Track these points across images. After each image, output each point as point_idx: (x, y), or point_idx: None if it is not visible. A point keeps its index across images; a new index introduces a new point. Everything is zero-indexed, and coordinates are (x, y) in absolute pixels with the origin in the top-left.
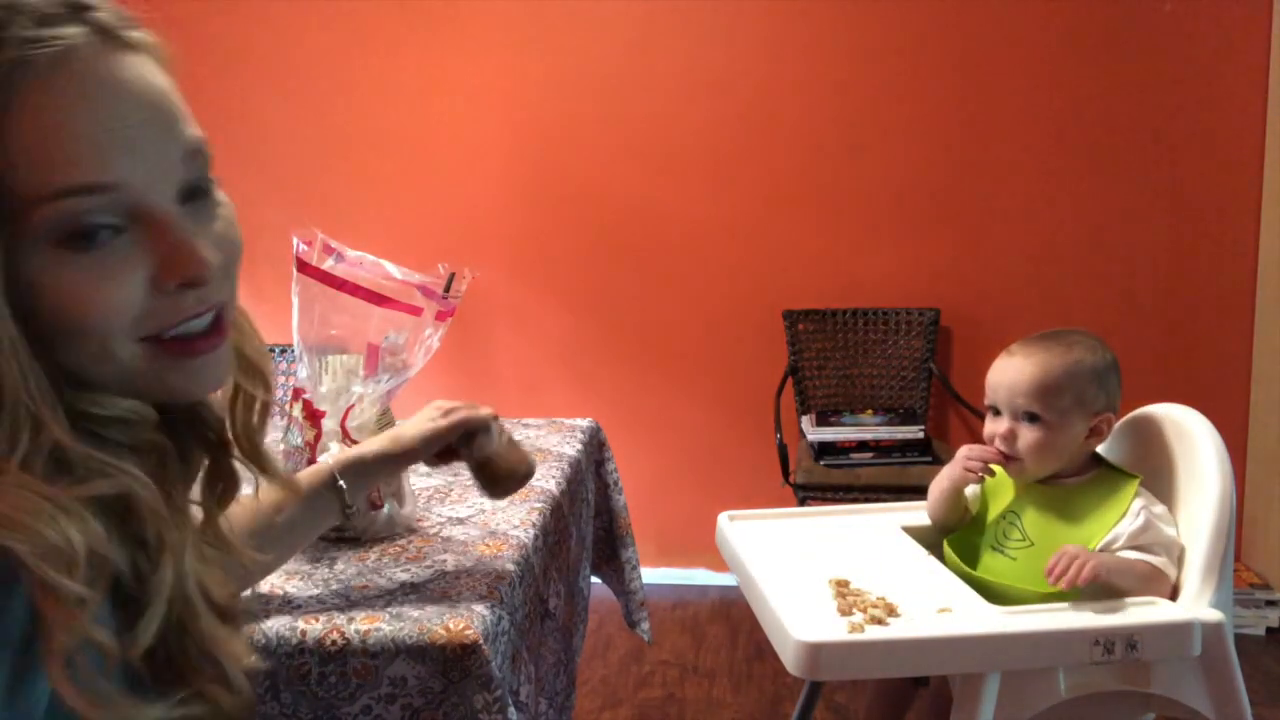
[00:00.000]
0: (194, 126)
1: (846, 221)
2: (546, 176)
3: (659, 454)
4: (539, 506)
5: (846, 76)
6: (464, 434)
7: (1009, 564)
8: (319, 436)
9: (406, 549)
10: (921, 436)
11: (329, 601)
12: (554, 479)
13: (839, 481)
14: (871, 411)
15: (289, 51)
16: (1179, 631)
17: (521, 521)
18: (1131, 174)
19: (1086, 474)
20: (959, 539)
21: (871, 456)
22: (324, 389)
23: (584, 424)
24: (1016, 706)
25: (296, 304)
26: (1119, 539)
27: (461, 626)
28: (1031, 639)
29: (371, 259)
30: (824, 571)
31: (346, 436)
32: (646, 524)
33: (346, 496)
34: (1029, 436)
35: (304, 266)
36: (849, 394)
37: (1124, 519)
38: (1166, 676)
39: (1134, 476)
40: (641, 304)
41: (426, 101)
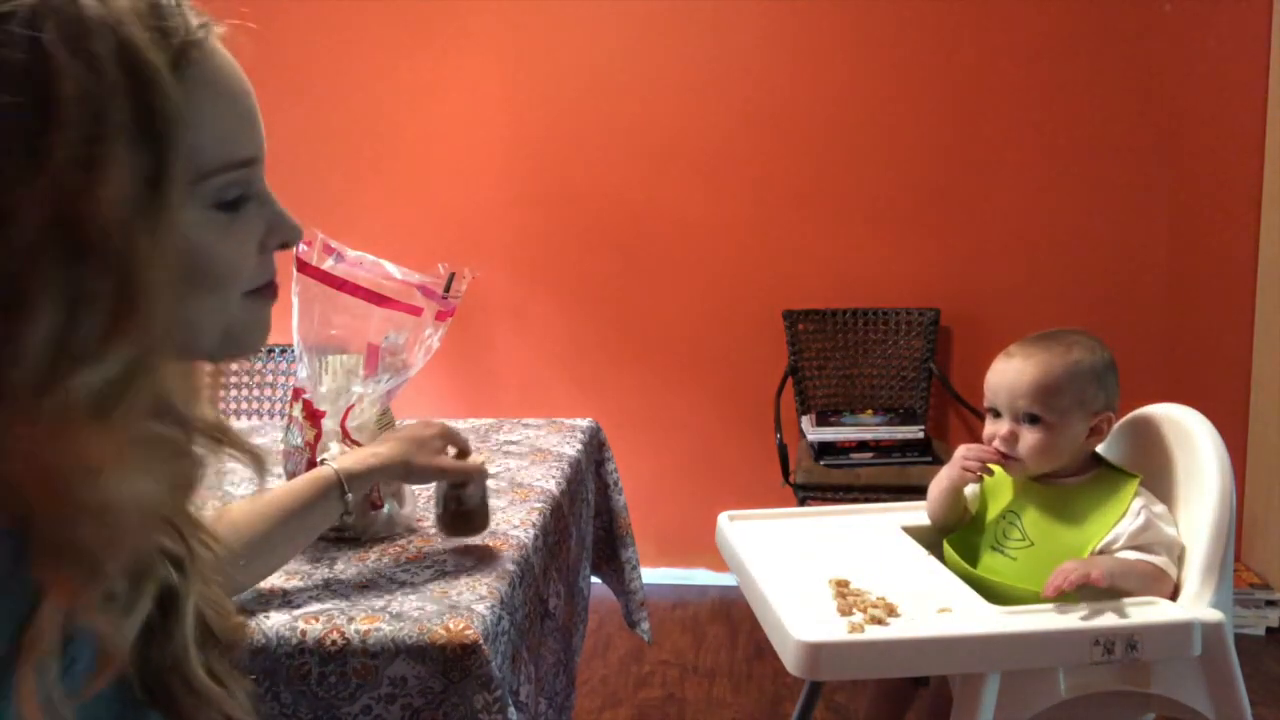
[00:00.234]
0: None
1: (846, 221)
2: (546, 177)
3: (659, 454)
4: (539, 506)
5: (847, 76)
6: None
7: (1009, 564)
8: (319, 436)
9: (406, 549)
10: (921, 436)
11: (329, 601)
12: (554, 479)
13: (839, 481)
14: (871, 411)
15: (289, 51)
16: (1179, 631)
17: (521, 521)
18: (1131, 174)
19: (1086, 473)
20: (959, 539)
21: (871, 456)
22: (324, 389)
23: (584, 424)
24: (1016, 706)
25: (296, 304)
26: (1119, 539)
27: (461, 626)
28: (1031, 639)
29: (371, 259)
30: (824, 571)
31: (346, 436)
32: (646, 524)
33: (350, 505)
34: (1030, 438)
35: (304, 266)
36: (849, 394)
37: (1124, 519)
38: (1166, 676)
39: (1134, 476)
40: (641, 304)
41: (426, 101)
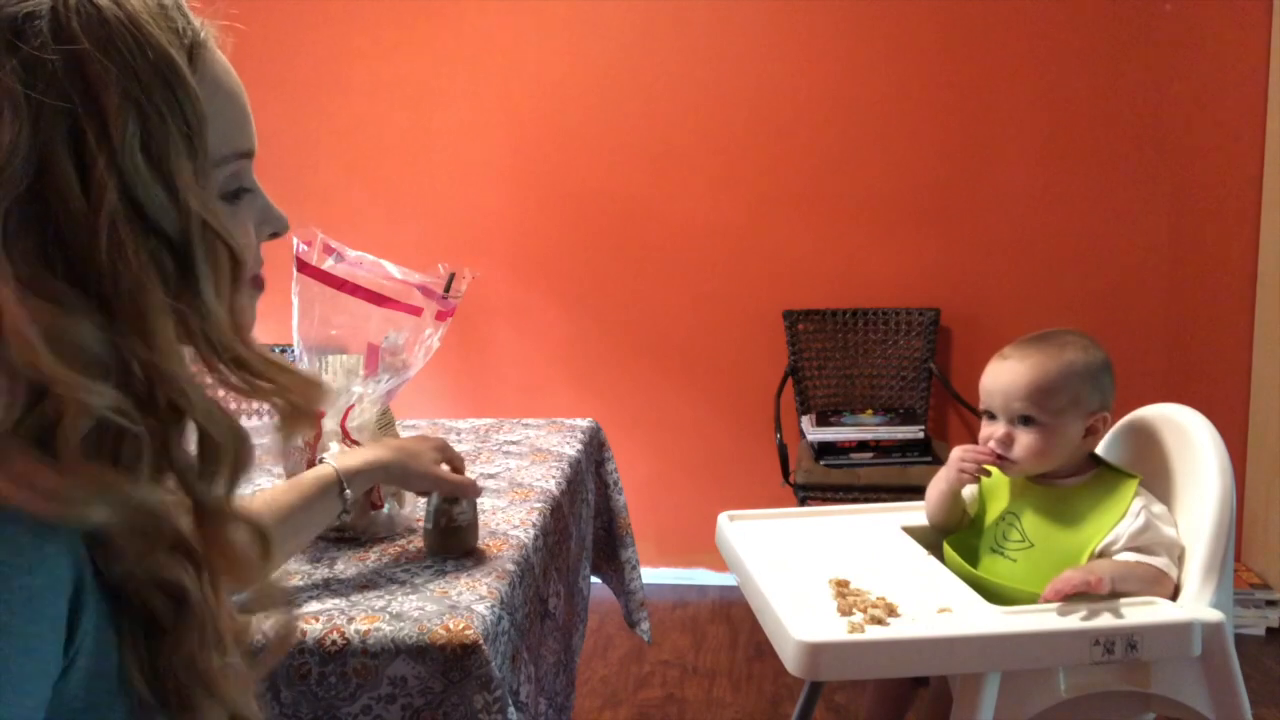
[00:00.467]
0: None
1: (846, 221)
2: (547, 176)
3: (659, 454)
4: (539, 506)
5: (847, 76)
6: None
7: (1009, 565)
8: (319, 436)
9: (406, 549)
10: (921, 436)
11: (329, 601)
12: (554, 479)
13: (839, 481)
14: (871, 411)
15: (289, 51)
16: (1179, 631)
17: (521, 521)
18: (1131, 174)
19: (1085, 474)
20: (958, 540)
21: (871, 456)
22: None
23: (584, 424)
24: (1016, 706)
25: (296, 304)
26: (1119, 540)
27: (461, 626)
28: (1031, 639)
29: (371, 259)
30: (824, 571)
31: (346, 436)
32: (646, 524)
33: (349, 503)
34: (1026, 440)
35: (304, 266)
36: (849, 394)
37: (1124, 519)
38: (1166, 676)
39: (1133, 476)
40: (642, 304)
41: (427, 101)
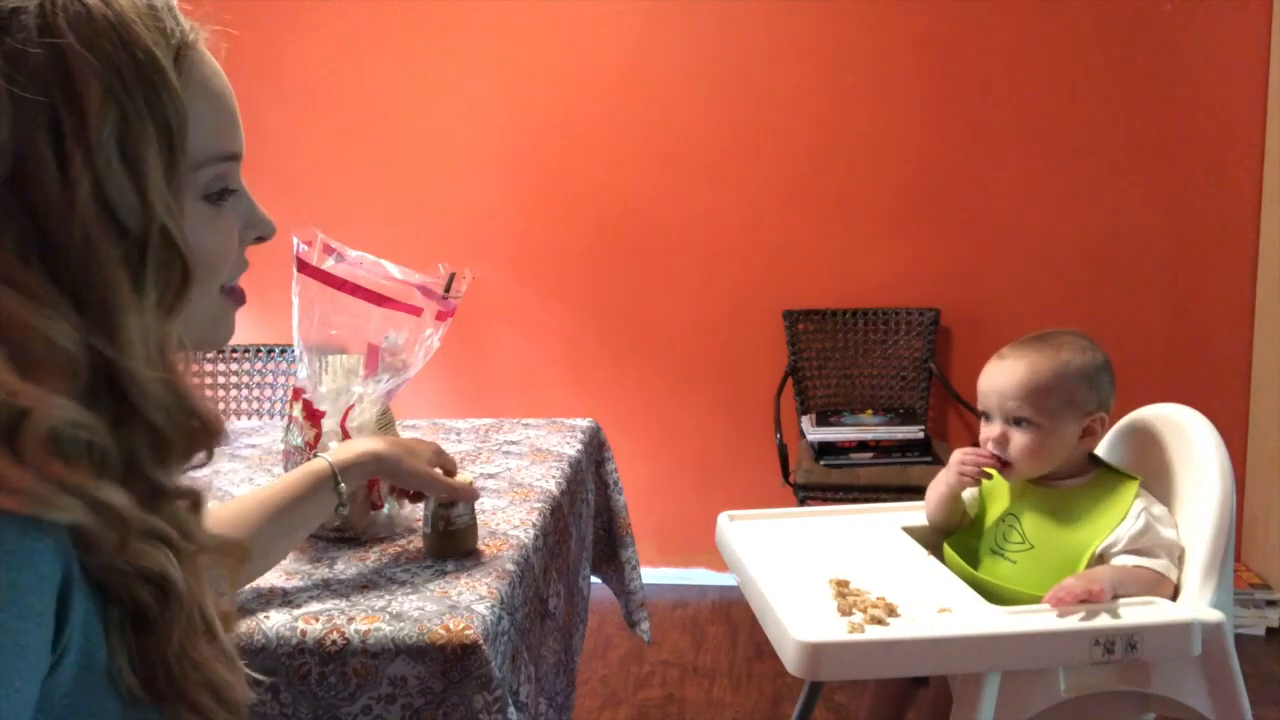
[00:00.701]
0: None
1: (846, 221)
2: (547, 176)
3: (659, 454)
4: (539, 506)
5: (847, 76)
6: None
7: (1010, 567)
8: (319, 436)
9: (406, 549)
10: (921, 436)
11: (329, 601)
12: (554, 479)
13: (839, 481)
14: (871, 411)
15: (289, 51)
16: (1179, 631)
17: (521, 521)
18: (1131, 174)
19: (1085, 475)
20: (958, 541)
21: (871, 456)
22: (324, 389)
23: (584, 424)
24: (1016, 706)
25: (296, 304)
26: (1119, 542)
27: (461, 626)
28: (1031, 639)
29: (371, 259)
30: (824, 571)
31: (346, 436)
32: (646, 524)
33: (344, 496)
34: (1020, 440)
35: (304, 266)
36: (849, 394)
37: (1124, 521)
38: (1166, 676)
39: (1134, 478)
40: (642, 304)
41: (427, 101)
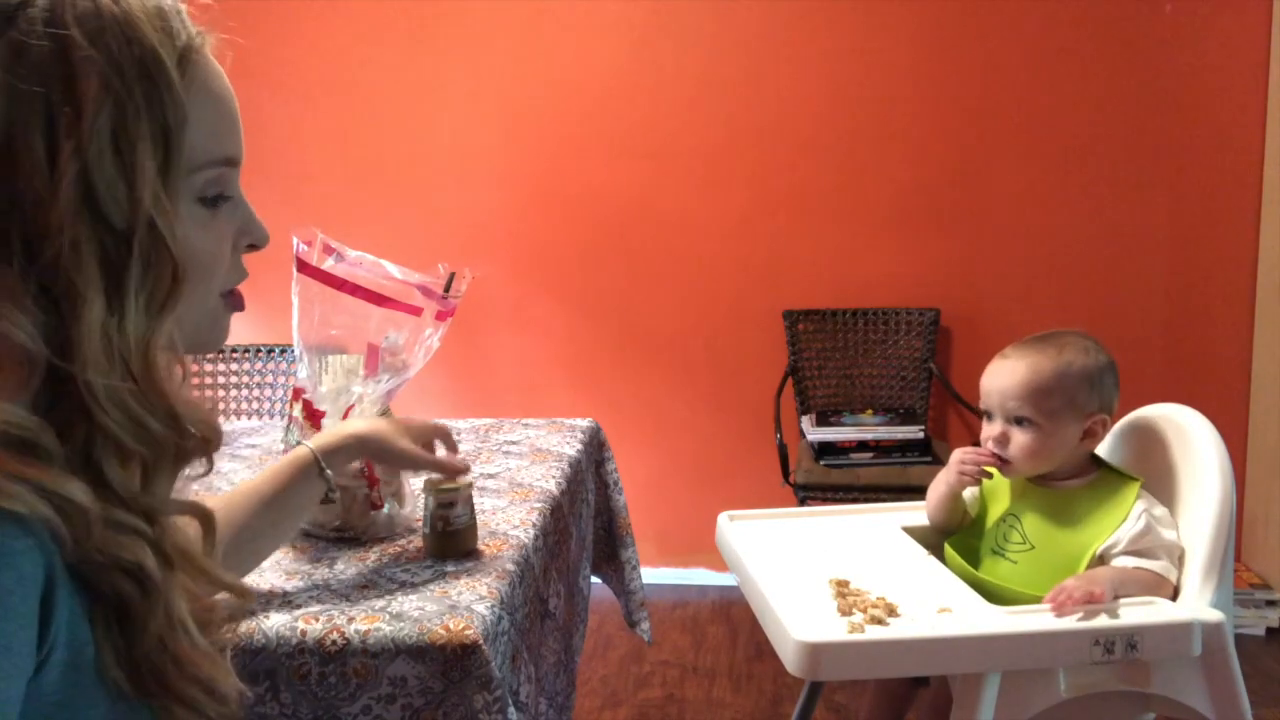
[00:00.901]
0: None
1: (846, 221)
2: (546, 176)
3: (659, 454)
4: (539, 506)
5: (847, 77)
6: (441, 496)
7: (1010, 567)
8: None
9: (406, 549)
10: (921, 436)
11: (329, 601)
12: (554, 479)
13: (839, 481)
14: (871, 411)
15: (289, 51)
16: (1179, 631)
17: (521, 521)
18: (1131, 174)
19: (1087, 476)
20: (959, 542)
21: (871, 456)
22: (324, 389)
23: (584, 424)
24: (1016, 706)
25: (296, 304)
26: (1119, 543)
27: (461, 626)
28: (1031, 639)
29: (371, 259)
30: (824, 571)
31: None
32: (646, 524)
33: (331, 482)
34: (1021, 440)
35: (304, 266)
36: (849, 394)
37: (1125, 523)
38: (1166, 676)
39: (1135, 479)
40: (642, 304)
41: (426, 102)
